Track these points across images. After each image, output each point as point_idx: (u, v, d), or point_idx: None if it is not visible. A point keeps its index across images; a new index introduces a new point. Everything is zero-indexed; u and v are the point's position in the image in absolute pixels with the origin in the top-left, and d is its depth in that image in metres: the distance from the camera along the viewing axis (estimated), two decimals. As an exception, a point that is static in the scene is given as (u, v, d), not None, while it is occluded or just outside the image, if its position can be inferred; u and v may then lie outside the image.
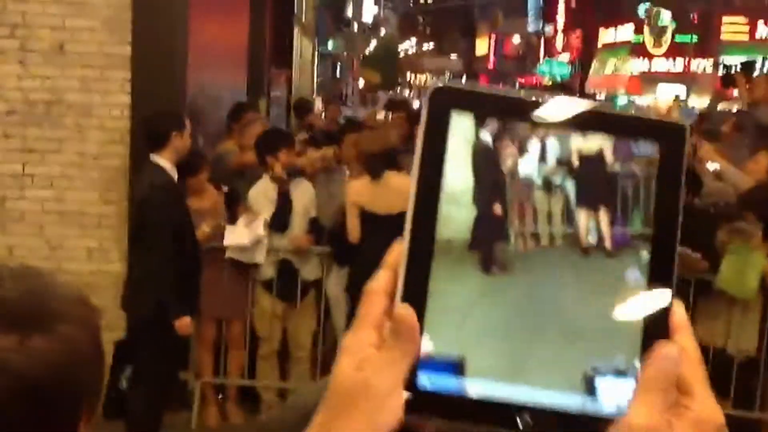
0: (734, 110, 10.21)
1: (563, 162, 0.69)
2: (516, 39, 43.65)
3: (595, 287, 0.67)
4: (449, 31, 47.31)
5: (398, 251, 0.66)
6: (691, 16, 29.56)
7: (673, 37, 30.98)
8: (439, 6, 47.49)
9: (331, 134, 8.06)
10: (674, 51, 30.77)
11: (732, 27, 30.15)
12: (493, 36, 45.18)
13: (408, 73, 44.63)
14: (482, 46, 46.41)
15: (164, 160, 5.23)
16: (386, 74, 25.40)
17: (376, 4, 45.97)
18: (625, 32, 33.38)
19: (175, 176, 5.30)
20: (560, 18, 39.93)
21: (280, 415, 1.14)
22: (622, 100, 30.14)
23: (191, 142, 5.56)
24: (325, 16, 28.36)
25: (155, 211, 5.06)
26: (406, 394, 0.63)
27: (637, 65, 31.77)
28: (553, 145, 0.68)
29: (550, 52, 40.66)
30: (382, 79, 25.24)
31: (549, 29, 41.35)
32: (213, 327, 6.20)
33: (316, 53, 25.37)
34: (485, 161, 0.68)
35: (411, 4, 51.44)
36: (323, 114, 13.52)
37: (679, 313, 0.67)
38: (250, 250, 5.91)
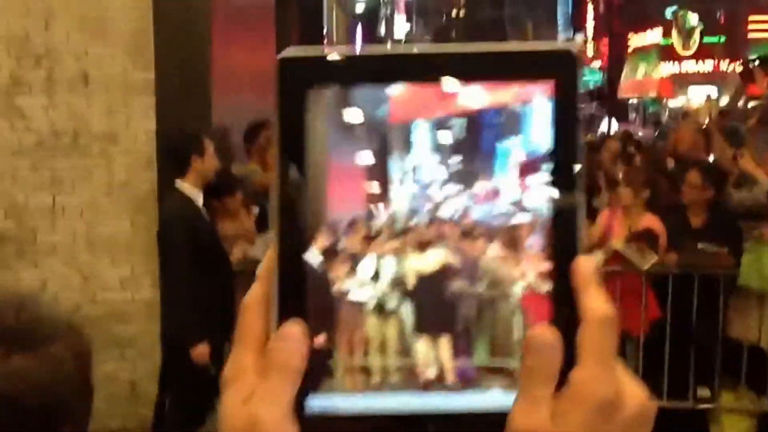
0: (752, 105, 10.08)
1: (399, 282, 0.61)
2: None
3: None
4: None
5: (270, 263, 0.58)
6: (718, 16, 29.39)
7: (701, 38, 30.80)
8: (470, 20, 47.55)
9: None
10: (703, 52, 30.59)
11: (759, 25, 29.90)
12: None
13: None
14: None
15: (188, 185, 5.17)
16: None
17: (408, 20, 46.13)
18: (653, 36, 33.22)
19: (200, 200, 5.22)
20: (589, 25, 39.78)
21: None
22: (654, 103, 29.97)
23: (221, 163, 5.51)
24: (357, 35, 28.46)
25: (172, 236, 5.01)
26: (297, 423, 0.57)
27: (667, 68, 31.59)
28: (388, 263, 0.60)
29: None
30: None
31: (579, 37, 41.17)
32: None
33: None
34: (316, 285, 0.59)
35: (443, 20, 51.62)
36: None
37: (584, 268, 0.57)
38: None
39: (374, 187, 0.62)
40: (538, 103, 0.59)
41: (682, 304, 6.55)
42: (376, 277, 0.60)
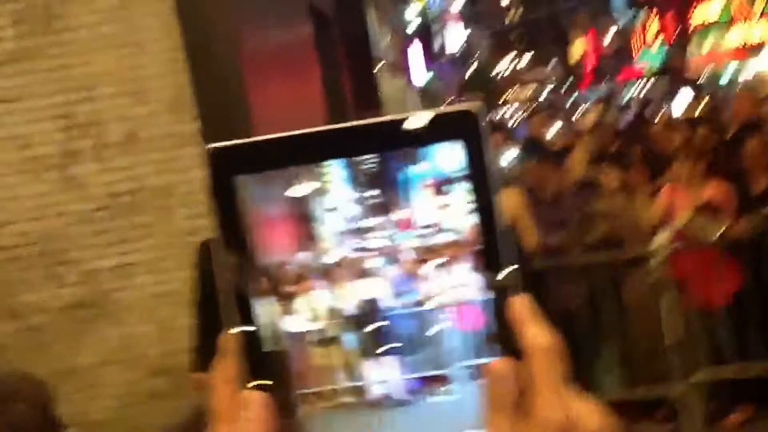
0: None
1: (336, 313, 0.67)
2: (610, 36, 42.84)
3: None
4: (541, 41, 46.86)
5: (233, 337, 0.63)
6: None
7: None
8: (527, 18, 47.14)
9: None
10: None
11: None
12: (586, 37, 44.48)
13: (509, 91, 44.33)
14: (577, 49, 45.74)
15: None
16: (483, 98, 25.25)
17: (466, 28, 45.92)
18: (718, 6, 32.36)
19: None
20: (651, 4, 39.02)
21: None
22: (726, 73, 29.14)
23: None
24: (412, 54, 28.45)
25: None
26: None
27: (735, 37, 30.72)
28: (323, 296, 0.66)
29: (645, 41, 39.72)
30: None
31: (641, 18, 40.42)
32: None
33: (408, 91, 25.46)
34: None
35: (498, 24, 51.23)
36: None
37: (518, 307, 0.61)
38: None
39: (301, 230, 0.69)
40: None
41: (761, 269, 6.40)
42: (313, 311, 0.67)
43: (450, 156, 0.62)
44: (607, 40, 43.36)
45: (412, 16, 30.57)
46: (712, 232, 6.45)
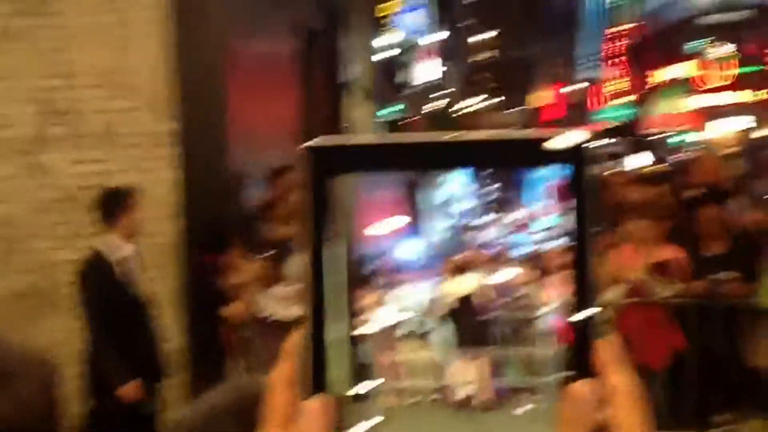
0: None
1: (434, 307, 0.64)
2: (575, 87, 43.46)
3: None
4: (509, 85, 47.37)
5: (296, 339, 0.63)
6: (750, 47, 29.15)
7: (733, 69, 30.58)
8: (497, 60, 47.66)
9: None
10: (735, 84, 30.34)
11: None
12: (553, 85, 45.08)
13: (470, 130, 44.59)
14: (543, 96, 46.33)
15: (116, 236, 5.34)
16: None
17: (436, 65, 46.20)
18: (682, 69, 33.03)
19: (125, 251, 5.36)
20: (617, 61, 39.69)
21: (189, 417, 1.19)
22: (683, 136, 29.76)
23: (218, 220, 5.61)
24: (383, 81, 28.51)
25: (83, 287, 5.19)
26: None
27: (697, 100, 31.37)
28: (421, 289, 0.64)
29: (609, 95, 40.38)
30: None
31: (607, 73, 41.11)
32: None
33: (373, 120, 25.49)
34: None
35: (472, 61, 51.61)
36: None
37: (602, 351, 0.63)
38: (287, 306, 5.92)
39: (407, 219, 0.66)
40: None
41: (704, 333, 6.50)
42: (410, 303, 0.65)
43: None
44: (570, 91, 43.96)
45: (385, 45, 30.68)
46: (662, 292, 6.57)
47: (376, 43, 29.94)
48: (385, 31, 30.35)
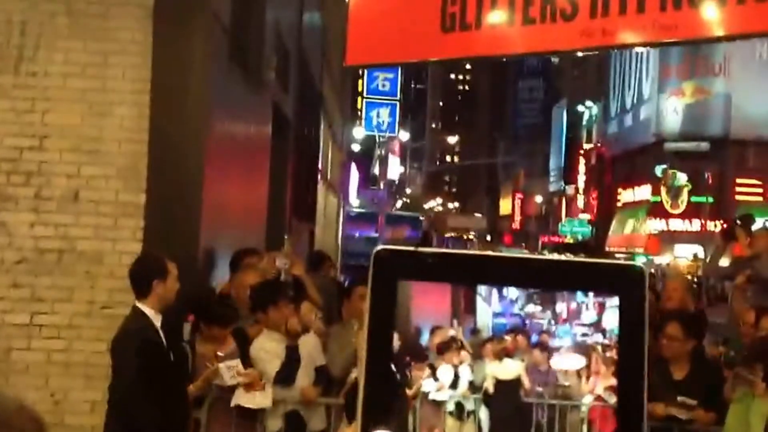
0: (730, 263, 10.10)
1: (477, 387, 0.75)
2: (538, 199, 44.17)
3: None
4: (474, 190, 48.02)
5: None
6: (706, 177, 30.04)
7: (689, 197, 31.42)
8: (464, 165, 48.42)
9: (342, 287, 8.03)
10: (691, 212, 31.17)
11: (746, 188, 30.59)
12: (517, 195, 45.76)
13: (433, 231, 44.96)
14: (506, 205, 46.97)
15: (147, 308, 5.12)
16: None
17: (402, 164, 46.87)
18: (643, 192, 33.85)
19: (158, 323, 5.16)
20: (581, 178, 40.52)
21: None
22: (640, 259, 30.25)
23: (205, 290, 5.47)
24: (350, 172, 28.83)
25: (123, 349, 4.95)
26: None
27: (654, 225, 32.08)
28: (467, 369, 0.74)
29: (571, 211, 41.07)
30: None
31: (570, 189, 41.88)
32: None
33: (342, 211, 25.67)
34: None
35: (437, 163, 52.51)
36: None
37: None
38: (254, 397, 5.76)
39: (460, 301, 0.72)
40: None
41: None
42: (456, 380, 0.74)
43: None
44: (536, 202, 44.64)
45: (356, 140, 31.10)
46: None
47: (351, 135, 30.38)
48: (358, 125, 30.81)
